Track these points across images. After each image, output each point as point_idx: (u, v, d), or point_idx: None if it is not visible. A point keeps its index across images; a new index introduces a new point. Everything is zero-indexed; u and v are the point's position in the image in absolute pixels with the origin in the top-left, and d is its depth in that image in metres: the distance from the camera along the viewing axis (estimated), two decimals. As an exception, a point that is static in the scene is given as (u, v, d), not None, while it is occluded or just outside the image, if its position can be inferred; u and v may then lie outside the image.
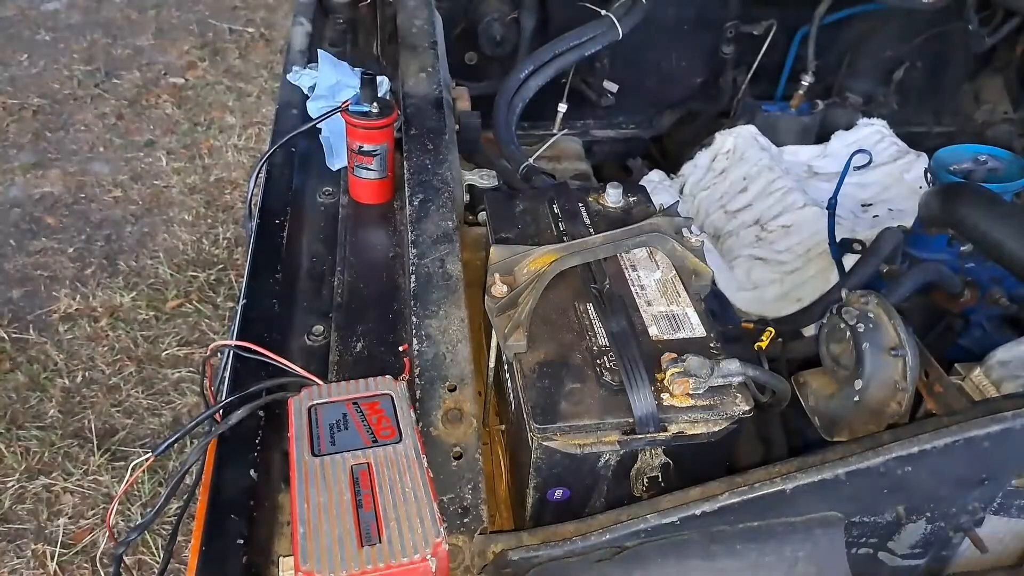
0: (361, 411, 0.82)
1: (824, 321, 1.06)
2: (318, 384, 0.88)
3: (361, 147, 1.29)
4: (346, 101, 1.29)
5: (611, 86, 2.33)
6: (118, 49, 4.39)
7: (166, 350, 2.71)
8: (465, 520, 0.80)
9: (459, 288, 1.03)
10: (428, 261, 1.06)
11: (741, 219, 1.94)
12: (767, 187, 1.94)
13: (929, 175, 1.59)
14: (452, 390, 0.91)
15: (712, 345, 0.92)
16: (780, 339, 1.34)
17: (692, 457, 0.86)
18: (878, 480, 0.80)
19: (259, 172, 1.34)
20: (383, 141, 1.29)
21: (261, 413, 0.96)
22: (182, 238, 3.18)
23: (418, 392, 0.91)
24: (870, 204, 1.95)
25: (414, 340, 0.96)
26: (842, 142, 2.12)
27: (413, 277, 1.04)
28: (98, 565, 0.88)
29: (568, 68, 2.00)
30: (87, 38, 4.42)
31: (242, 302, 1.13)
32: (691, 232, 1.05)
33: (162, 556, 0.92)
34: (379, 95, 1.32)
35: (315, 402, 0.84)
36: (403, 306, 1.13)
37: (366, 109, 1.28)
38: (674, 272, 1.02)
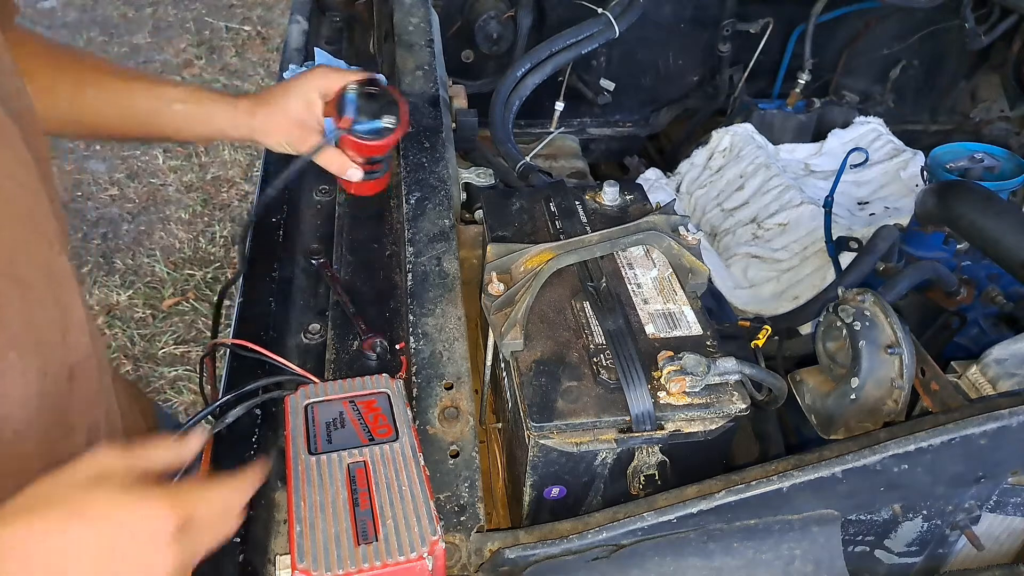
0: (358, 409, 0.82)
1: (820, 319, 1.06)
2: (315, 382, 0.88)
3: (371, 159, 1.14)
4: (343, 127, 1.07)
5: (608, 84, 2.33)
6: (114, 47, 4.38)
7: (163, 348, 2.70)
8: (462, 518, 0.80)
9: (456, 286, 1.03)
10: (425, 259, 1.06)
11: (738, 217, 1.94)
12: (764, 185, 1.94)
13: (925, 173, 1.59)
14: (449, 388, 0.91)
15: (708, 343, 0.92)
16: (776, 337, 1.34)
17: (689, 455, 0.86)
18: (875, 478, 0.80)
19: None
20: (393, 145, 1.14)
21: (258, 411, 0.96)
22: (179, 236, 3.17)
23: (415, 390, 0.91)
24: (866, 202, 1.95)
25: (411, 338, 0.96)
26: (838, 140, 2.12)
27: (410, 275, 1.04)
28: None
29: (565, 66, 2.01)
30: (83, 36, 4.41)
31: (239, 300, 1.12)
32: (688, 230, 1.05)
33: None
34: (374, 88, 1.11)
35: (311, 400, 0.84)
36: (400, 304, 1.13)
37: (378, 125, 1.08)
38: (671, 270, 1.02)
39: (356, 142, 1.08)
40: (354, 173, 1.08)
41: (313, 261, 1.18)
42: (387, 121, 1.07)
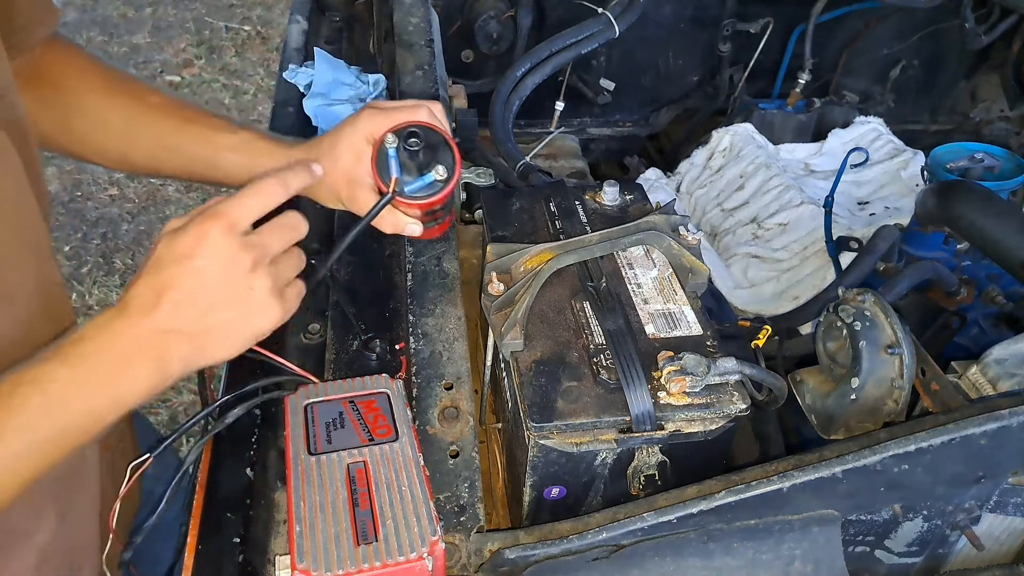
0: (357, 409, 0.82)
1: (821, 319, 1.06)
2: (314, 382, 0.88)
3: (430, 211, 0.95)
4: (391, 187, 0.89)
5: (608, 84, 2.33)
6: (114, 47, 4.38)
7: (162, 348, 2.70)
8: (462, 518, 0.80)
9: (456, 286, 1.03)
10: (425, 259, 1.06)
11: (738, 217, 1.94)
12: (764, 185, 1.94)
13: (925, 173, 1.59)
14: (449, 388, 0.91)
15: (709, 343, 0.92)
16: (777, 337, 1.34)
17: (689, 455, 0.86)
18: (875, 478, 0.80)
19: None
20: (452, 192, 0.95)
21: (257, 412, 0.96)
22: (178, 236, 3.17)
23: (415, 390, 0.91)
24: (867, 202, 1.95)
25: (411, 338, 0.96)
26: (839, 140, 2.12)
27: (410, 275, 1.04)
28: (104, 567, 0.89)
29: (565, 66, 2.00)
30: (83, 36, 4.41)
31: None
32: (688, 230, 1.05)
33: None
34: (414, 141, 0.89)
35: (311, 400, 0.84)
36: (400, 304, 1.13)
37: (428, 180, 0.89)
38: (671, 270, 1.02)
39: (408, 203, 0.91)
40: (412, 229, 0.97)
41: (313, 261, 1.18)
42: (439, 173, 0.89)
